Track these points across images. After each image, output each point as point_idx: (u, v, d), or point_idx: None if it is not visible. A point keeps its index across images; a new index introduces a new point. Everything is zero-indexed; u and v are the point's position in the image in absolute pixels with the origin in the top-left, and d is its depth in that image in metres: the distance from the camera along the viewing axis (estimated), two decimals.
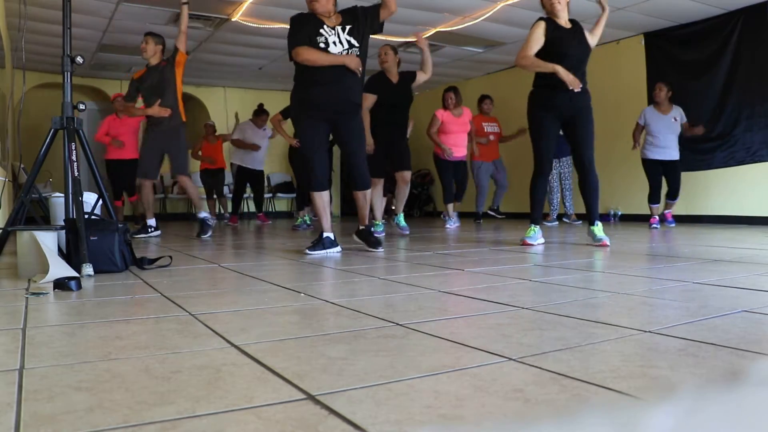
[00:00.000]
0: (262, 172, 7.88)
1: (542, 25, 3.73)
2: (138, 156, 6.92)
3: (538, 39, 3.71)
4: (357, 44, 3.45)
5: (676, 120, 5.89)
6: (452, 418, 0.83)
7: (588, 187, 3.82)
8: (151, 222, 5.24)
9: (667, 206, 6.14)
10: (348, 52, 3.42)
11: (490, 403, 0.88)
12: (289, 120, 6.29)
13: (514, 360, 1.12)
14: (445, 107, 6.19)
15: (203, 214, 5.21)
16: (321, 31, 3.39)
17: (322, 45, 3.38)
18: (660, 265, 2.79)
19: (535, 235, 3.93)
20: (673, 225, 6.08)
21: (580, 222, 6.86)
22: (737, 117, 6.16)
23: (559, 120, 3.82)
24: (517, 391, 0.93)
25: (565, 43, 3.71)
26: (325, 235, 3.52)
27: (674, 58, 6.71)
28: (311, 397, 0.91)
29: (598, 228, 3.82)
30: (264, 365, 1.10)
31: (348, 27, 3.44)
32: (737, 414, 0.29)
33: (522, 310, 1.65)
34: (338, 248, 3.56)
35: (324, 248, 3.48)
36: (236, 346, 1.25)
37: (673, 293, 1.91)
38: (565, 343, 1.25)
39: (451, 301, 1.86)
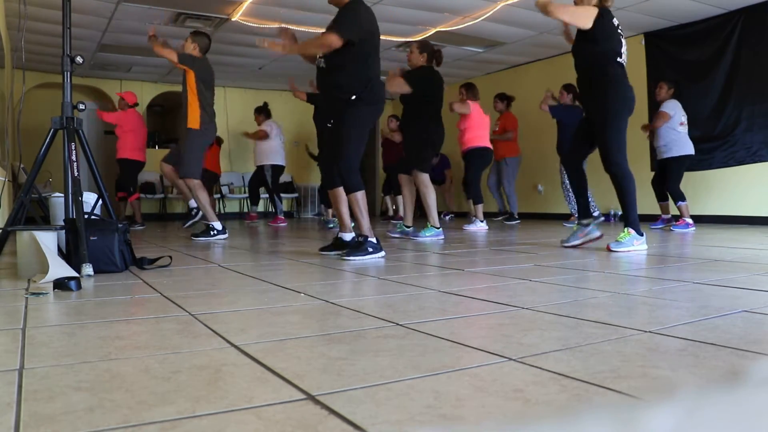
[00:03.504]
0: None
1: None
2: (139, 157, 7.05)
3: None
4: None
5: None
6: (452, 418, 0.83)
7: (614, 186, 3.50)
8: (216, 225, 4.77)
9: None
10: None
11: (490, 403, 0.88)
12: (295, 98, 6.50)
13: (514, 360, 1.12)
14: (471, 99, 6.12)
15: (192, 203, 5.45)
16: None
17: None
18: (660, 265, 2.79)
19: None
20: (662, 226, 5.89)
21: (574, 224, 6.81)
22: (737, 117, 6.15)
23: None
24: (517, 391, 0.93)
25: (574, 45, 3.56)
26: (369, 239, 3.21)
27: (674, 58, 6.71)
28: (311, 397, 0.91)
29: (622, 234, 3.42)
30: (264, 365, 1.10)
31: None
32: (737, 414, 0.29)
33: (522, 310, 1.65)
34: (382, 252, 3.24)
35: (368, 253, 3.17)
36: (236, 346, 1.25)
37: (673, 293, 1.91)
38: (565, 343, 1.25)
39: (451, 301, 1.85)
